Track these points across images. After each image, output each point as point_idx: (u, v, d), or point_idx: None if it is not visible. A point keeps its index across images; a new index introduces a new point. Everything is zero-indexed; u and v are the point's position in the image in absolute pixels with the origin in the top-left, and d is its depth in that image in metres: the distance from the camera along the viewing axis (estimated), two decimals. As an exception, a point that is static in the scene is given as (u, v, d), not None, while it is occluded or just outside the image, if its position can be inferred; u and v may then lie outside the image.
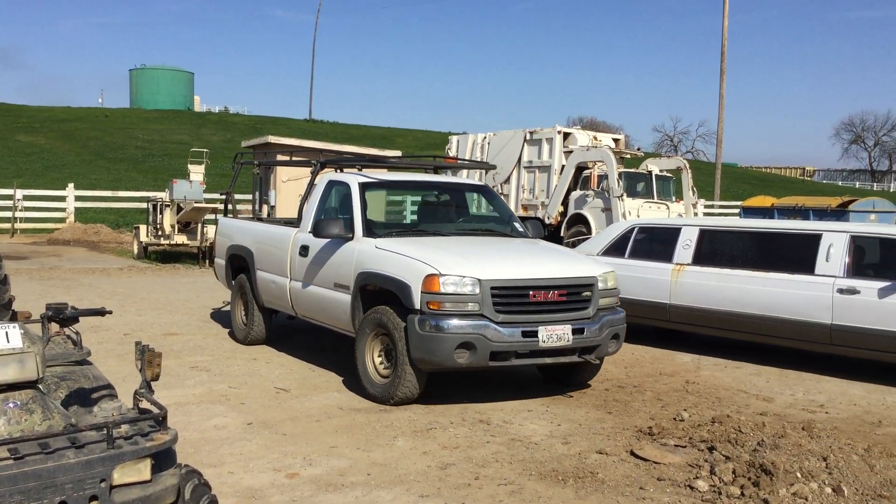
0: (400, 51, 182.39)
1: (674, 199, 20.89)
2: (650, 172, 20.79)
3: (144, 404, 3.30)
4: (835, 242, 8.43)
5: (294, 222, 9.36)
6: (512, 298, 6.63)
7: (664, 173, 21.20)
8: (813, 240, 8.62)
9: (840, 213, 18.47)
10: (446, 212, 8.78)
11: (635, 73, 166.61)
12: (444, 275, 6.49)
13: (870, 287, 8.07)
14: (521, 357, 6.67)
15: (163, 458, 3.10)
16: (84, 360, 3.73)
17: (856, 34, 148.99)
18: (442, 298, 6.46)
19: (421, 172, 10.02)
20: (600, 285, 7.05)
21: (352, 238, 7.48)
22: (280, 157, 13.37)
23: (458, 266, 6.59)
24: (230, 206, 10.92)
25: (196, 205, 17.92)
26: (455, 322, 6.43)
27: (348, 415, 6.60)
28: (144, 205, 20.66)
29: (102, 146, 47.43)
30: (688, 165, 21.21)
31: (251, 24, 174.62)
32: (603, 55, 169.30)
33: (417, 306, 6.53)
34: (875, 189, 76.45)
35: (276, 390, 7.32)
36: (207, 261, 18.16)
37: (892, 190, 77.10)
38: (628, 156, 22.04)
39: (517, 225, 8.43)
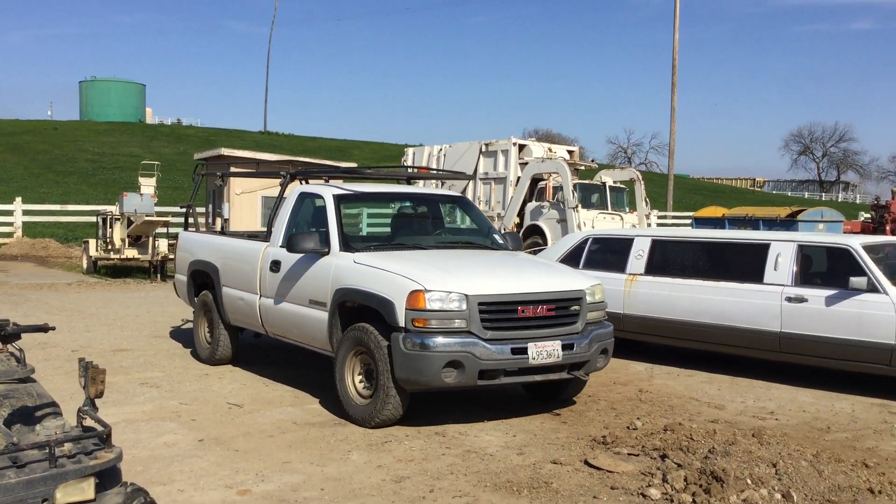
0: (355, 63, 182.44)
1: (627, 209, 21.14)
2: (604, 184, 21.02)
3: (88, 422, 3.23)
4: (783, 252, 8.58)
5: (259, 236, 9.19)
6: (500, 314, 6.42)
7: (618, 185, 21.44)
8: (761, 249, 8.77)
9: (789, 223, 18.84)
10: (424, 224, 8.51)
11: (590, 86, 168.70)
12: (430, 290, 6.23)
13: (817, 295, 8.23)
14: (509, 375, 6.44)
15: (107, 477, 3.03)
16: (28, 377, 3.64)
17: (804, 47, 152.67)
18: (428, 315, 6.20)
19: (379, 183, 9.75)
20: (588, 299, 6.87)
21: (328, 253, 7.20)
22: (235, 169, 13.11)
23: (444, 281, 6.35)
24: (191, 220, 10.50)
25: (147, 218, 17.66)
26: (442, 340, 6.18)
27: (302, 429, 6.53)
28: (94, 219, 20.32)
29: (51, 159, 46.57)
30: (641, 177, 21.48)
31: (205, 36, 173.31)
32: (558, 68, 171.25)
33: (402, 324, 6.26)
34: (823, 199, 78.16)
35: (228, 406, 7.22)
36: (159, 275, 17.94)
37: (840, 200, 78.91)
38: (583, 167, 22.25)
39: (497, 237, 8.18)
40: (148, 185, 18.88)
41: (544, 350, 6.46)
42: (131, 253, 18.14)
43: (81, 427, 3.21)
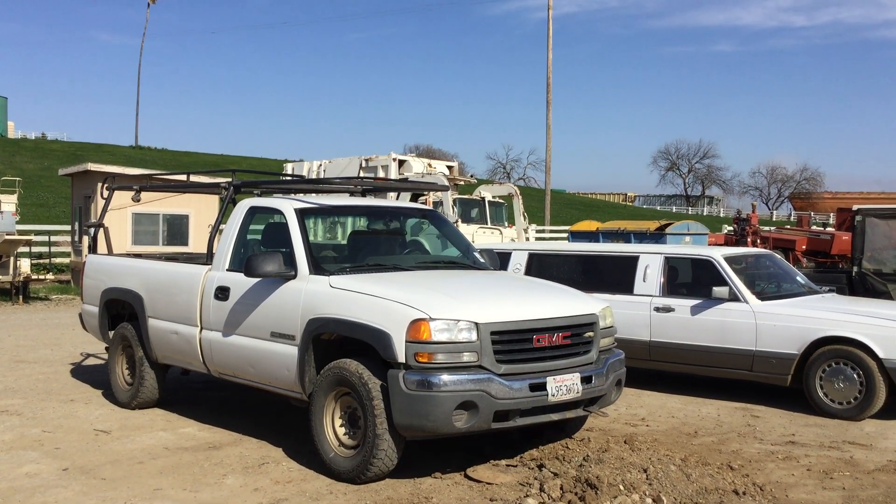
0: (232, 77, 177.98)
1: (506, 224, 21.51)
2: (483, 199, 21.33)
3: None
4: (651, 264, 8.92)
5: (179, 258, 8.48)
6: (514, 345, 5.64)
7: (497, 199, 21.81)
8: (631, 261, 9.09)
9: (658, 236, 19.52)
10: (394, 241, 7.54)
11: (469, 103, 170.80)
12: (435, 319, 5.37)
13: (683, 305, 8.59)
14: (525, 415, 5.63)
15: (-44, 514, 2.85)
16: None
17: (670, 68, 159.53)
18: (433, 348, 5.34)
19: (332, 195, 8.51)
20: (601, 323, 6.22)
21: (294, 276, 6.22)
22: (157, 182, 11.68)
23: (450, 308, 5.50)
24: (101, 241, 9.05)
25: (7, 237, 16.80)
26: (450, 377, 5.31)
27: (175, 454, 6.31)
28: (-51, 238, 19.11)
29: None
30: (519, 192, 21.92)
31: (72, 47, 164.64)
32: (438, 85, 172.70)
33: (401, 359, 5.37)
34: (690, 213, 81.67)
35: (95, 433, 6.91)
36: (21, 297, 17.07)
37: (705, 213, 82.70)
38: (462, 182, 22.53)
39: (478, 255, 7.33)
40: (9, 202, 17.97)
41: (564, 385, 5.72)
42: (-10, 274, 17.17)
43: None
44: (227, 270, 6.86)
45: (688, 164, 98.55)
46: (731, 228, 26.26)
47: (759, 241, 19.88)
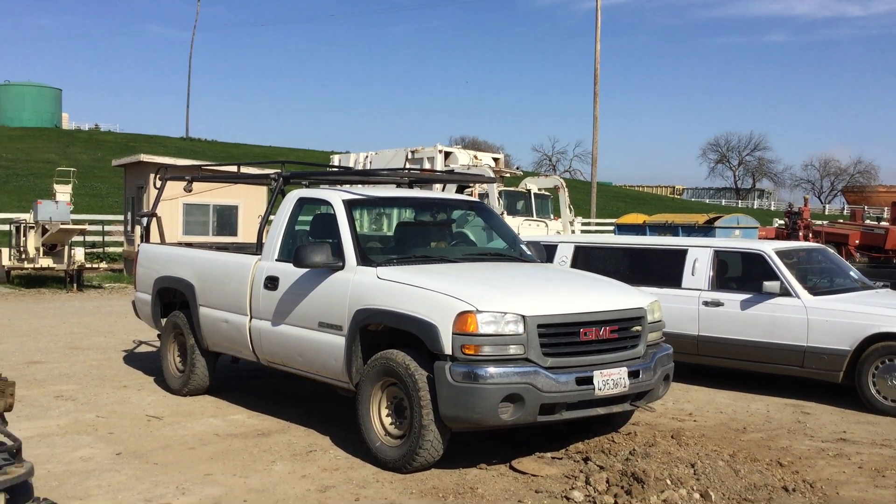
0: (281, 69, 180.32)
1: (552, 216, 21.42)
2: (529, 191, 21.26)
3: (-2, 437, 3.13)
4: (700, 257, 8.82)
5: (230, 247, 8.60)
6: (561, 338, 5.61)
7: (542, 192, 21.72)
8: (680, 255, 8.99)
9: (707, 230, 19.31)
10: (440, 233, 7.56)
11: (516, 95, 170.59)
12: (482, 311, 5.37)
13: (732, 299, 8.48)
14: (571, 409, 5.61)
15: (18, 493, 2.96)
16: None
17: (721, 59, 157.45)
18: (480, 341, 5.33)
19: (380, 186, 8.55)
20: (648, 318, 6.17)
21: (342, 267, 6.26)
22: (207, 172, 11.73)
23: (497, 300, 5.50)
24: (153, 231, 9.14)
25: (62, 226, 17.21)
26: (497, 370, 5.31)
27: (224, 441, 6.42)
28: (7, 227, 19.65)
29: (-39, 165, 44.78)
30: (565, 184, 21.78)
31: (124, 40, 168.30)
32: (484, 76, 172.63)
33: (448, 351, 5.37)
34: (739, 206, 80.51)
35: (147, 418, 7.05)
36: (75, 284, 17.48)
37: (755, 207, 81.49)
38: (508, 174, 22.45)
39: (524, 248, 7.31)
40: (63, 192, 18.39)
41: (610, 379, 5.68)
42: (46, 262, 17.63)
43: (-10, 442, 3.12)
44: (276, 260, 6.90)
45: (738, 156, 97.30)
46: (782, 222, 25.85)
47: (811, 235, 19.57)
